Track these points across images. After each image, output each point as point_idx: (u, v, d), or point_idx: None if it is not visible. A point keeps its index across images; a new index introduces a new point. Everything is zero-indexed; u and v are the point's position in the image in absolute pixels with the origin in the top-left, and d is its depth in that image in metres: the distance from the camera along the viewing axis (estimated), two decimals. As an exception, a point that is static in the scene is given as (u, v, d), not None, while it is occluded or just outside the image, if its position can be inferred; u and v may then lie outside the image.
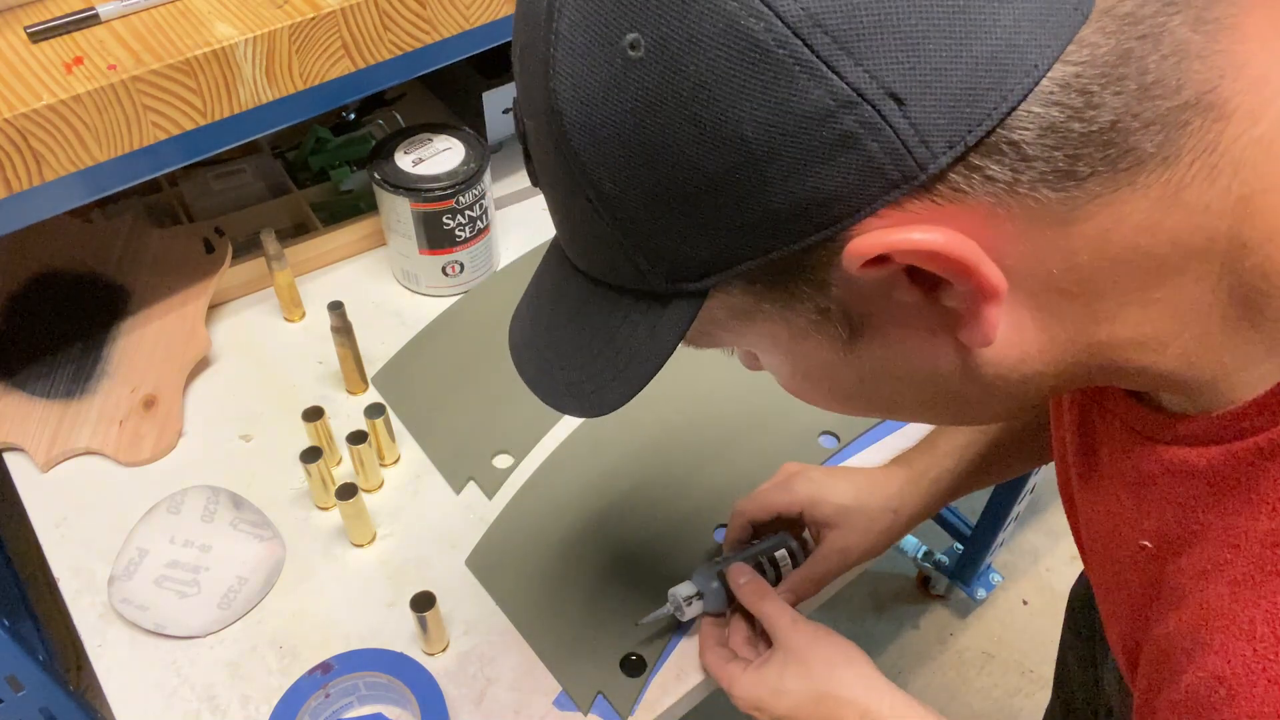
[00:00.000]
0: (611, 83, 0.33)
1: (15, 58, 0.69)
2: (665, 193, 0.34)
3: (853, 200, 0.32)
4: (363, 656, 0.70)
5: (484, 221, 0.94)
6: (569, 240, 0.41)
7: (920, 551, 1.61)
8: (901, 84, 0.30)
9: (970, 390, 0.38)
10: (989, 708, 1.54)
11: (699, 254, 0.36)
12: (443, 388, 0.89)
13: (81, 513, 0.80)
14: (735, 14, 0.30)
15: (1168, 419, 0.39)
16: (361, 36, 0.77)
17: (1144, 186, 0.32)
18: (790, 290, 0.36)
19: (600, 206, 0.36)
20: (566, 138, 0.35)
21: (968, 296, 0.33)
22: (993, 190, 0.31)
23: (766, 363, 0.44)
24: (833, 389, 0.42)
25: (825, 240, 0.33)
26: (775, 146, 0.31)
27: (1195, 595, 0.37)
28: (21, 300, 0.91)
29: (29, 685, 0.96)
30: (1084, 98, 0.30)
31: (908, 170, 0.31)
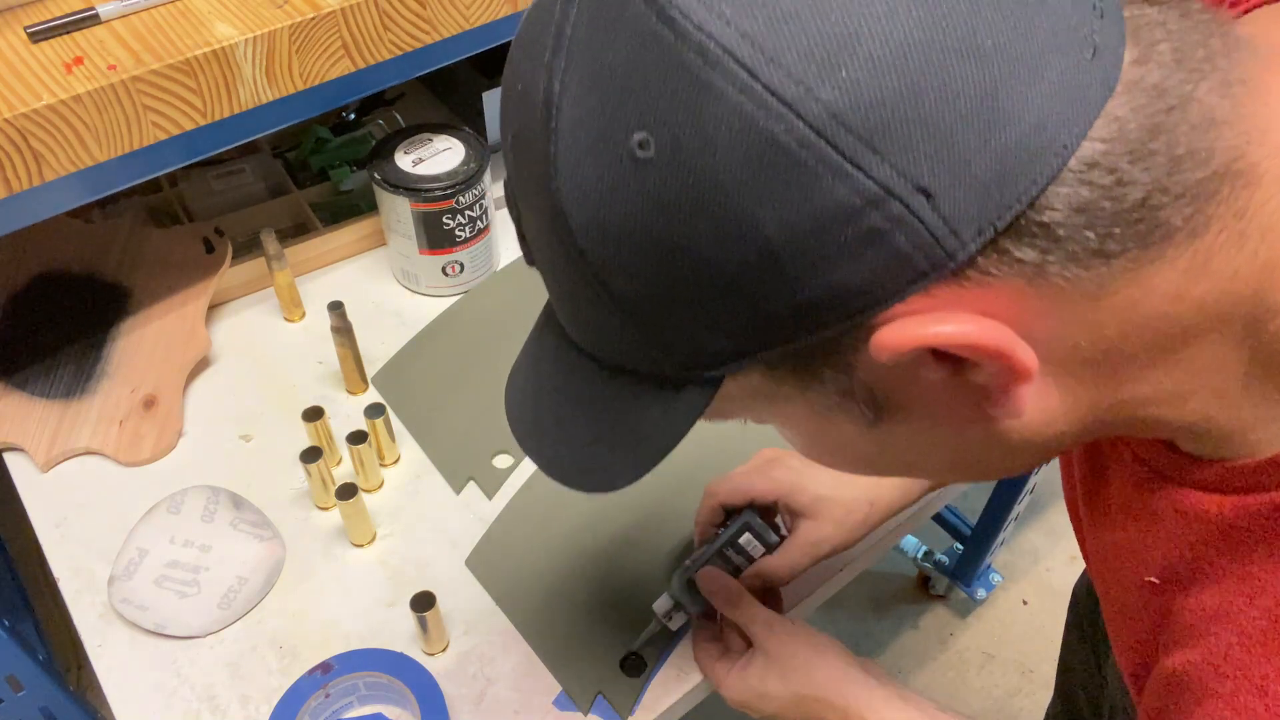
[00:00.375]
0: (620, 183, 0.31)
1: (15, 58, 0.69)
2: (680, 291, 0.33)
3: (879, 292, 0.31)
4: (363, 656, 0.70)
5: (484, 221, 0.94)
6: (571, 323, 0.40)
7: (920, 551, 1.61)
8: (930, 177, 0.29)
9: (993, 454, 0.38)
10: (989, 708, 1.54)
11: (715, 346, 0.34)
12: (443, 388, 0.89)
13: (81, 513, 0.80)
14: (753, 116, 0.29)
15: (1182, 459, 0.39)
16: (361, 36, 0.77)
17: (1172, 259, 0.32)
18: (811, 374, 0.35)
19: (609, 302, 0.35)
20: (573, 237, 0.33)
21: (998, 376, 0.32)
22: (1022, 272, 0.31)
23: (783, 435, 0.43)
24: (853, 459, 0.41)
25: (849, 329, 0.32)
26: (798, 245, 0.30)
27: (1207, 638, 0.37)
28: (22, 300, 0.91)
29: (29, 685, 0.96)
30: (1113, 175, 0.30)
31: (936, 260, 0.30)
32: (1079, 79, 0.30)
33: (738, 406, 0.39)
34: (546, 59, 0.33)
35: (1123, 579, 0.44)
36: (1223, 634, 0.36)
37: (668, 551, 0.77)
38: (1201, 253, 0.32)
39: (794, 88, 0.28)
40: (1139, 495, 0.42)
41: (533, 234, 0.37)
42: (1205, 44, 0.32)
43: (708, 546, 0.69)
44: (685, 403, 0.37)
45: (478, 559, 0.77)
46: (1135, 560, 0.42)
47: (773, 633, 0.63)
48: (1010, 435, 0.36)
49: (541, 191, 0.34)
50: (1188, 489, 0.38)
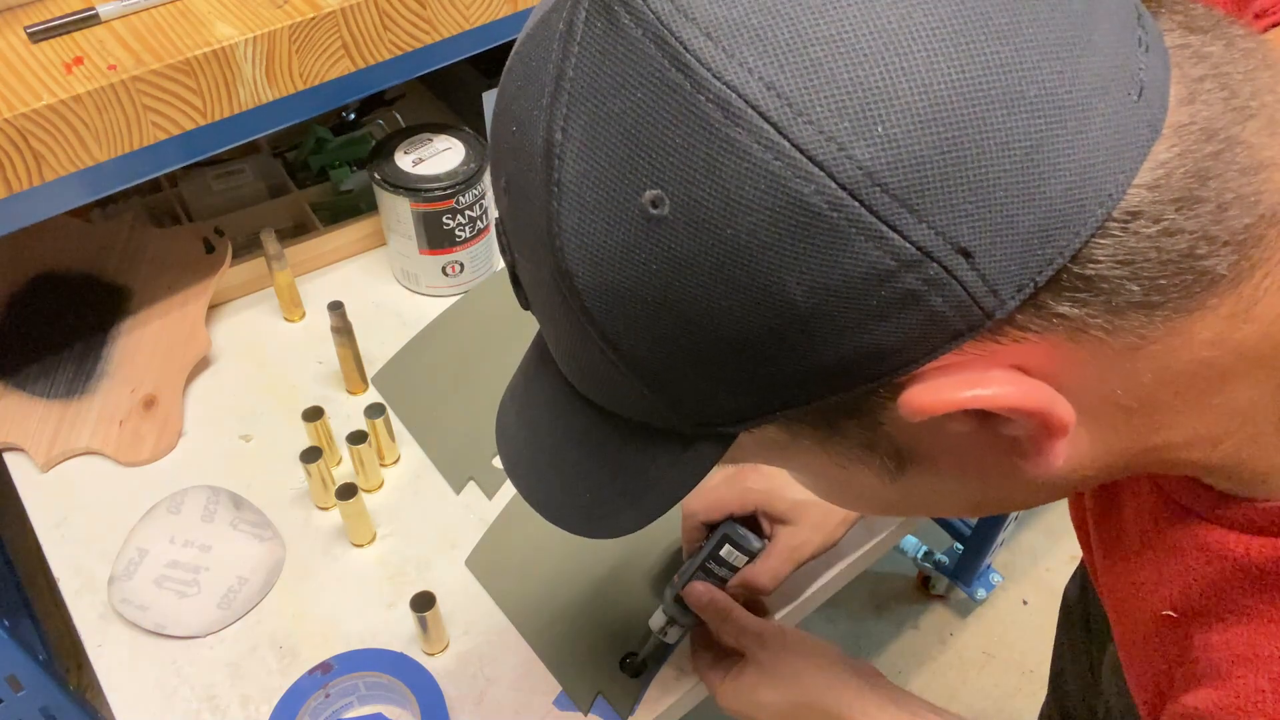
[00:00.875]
0: (632, 244, 0.29)
1: (15, 58, 0.69)
2: (697, 354, 0.31)
3: (910, 353, 0.29)
4: (363, 656, 0.70)
5: (484, 221, 0.94)
6: (572, 372, 0.37)
7: (920, 551, 1.61)
8: (970, 237, 0.27)
9: (1015, 495, 0.38)
10: (989, 708, 1.54)
11: (731, 405, 0.33)
12: (443, 388, 0.89)
13: (81, 513, 0.80)
14: (780, 175, 0.27)
15: (1207, 494, 0.38)
16: (361, 36, 0.77)
17: (1214, 307, 0.30)
18: (834, 427, 0.33)
19: (618, 361, 0.32)
20: (579, 297, 0.31)
21: (1032, 431, 0.31)
22: (1062, 326, 0.29)
23: (798, 480, 0.41)
24: (871, 504, 0.40)
25: (877, 389, 0.31)
26: (827, 308, 0.28)
27: (1233, 680, 0.36)
28: (21, 300, 0.91)
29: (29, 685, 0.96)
30: (1159, 225, 0.28)
31: (973, 320, 0.29)
32: (1125, 122, 0.28)
33: (751, 455, 0.37)
34: (545, 102, 0.30)
35: (1137, 609, 0.43)
36: (1250, 678, 0.35)
37: (668, 551, 0.77)
38: (1245, 298, 0.30)
39: (825, 145, 0.26)
40: (1157, 526, 0.40)
41: (530, 281, 0.35)
42: (1252, 78, 0.30)
43: (691, 561, 0.69)
44: (696, 456, 0.36)
45: (478, 559, 0.77)
46: (1151, 592, 0.41)
47: (764, 642, 0.63)
48: (1035, 480, 0.34)
49: (543, 246, 0.31)
50: (1213, 525, 0.37)
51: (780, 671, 0.62)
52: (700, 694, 0.72)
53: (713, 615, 0.66)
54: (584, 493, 0.40)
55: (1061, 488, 0.37)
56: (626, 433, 0.37)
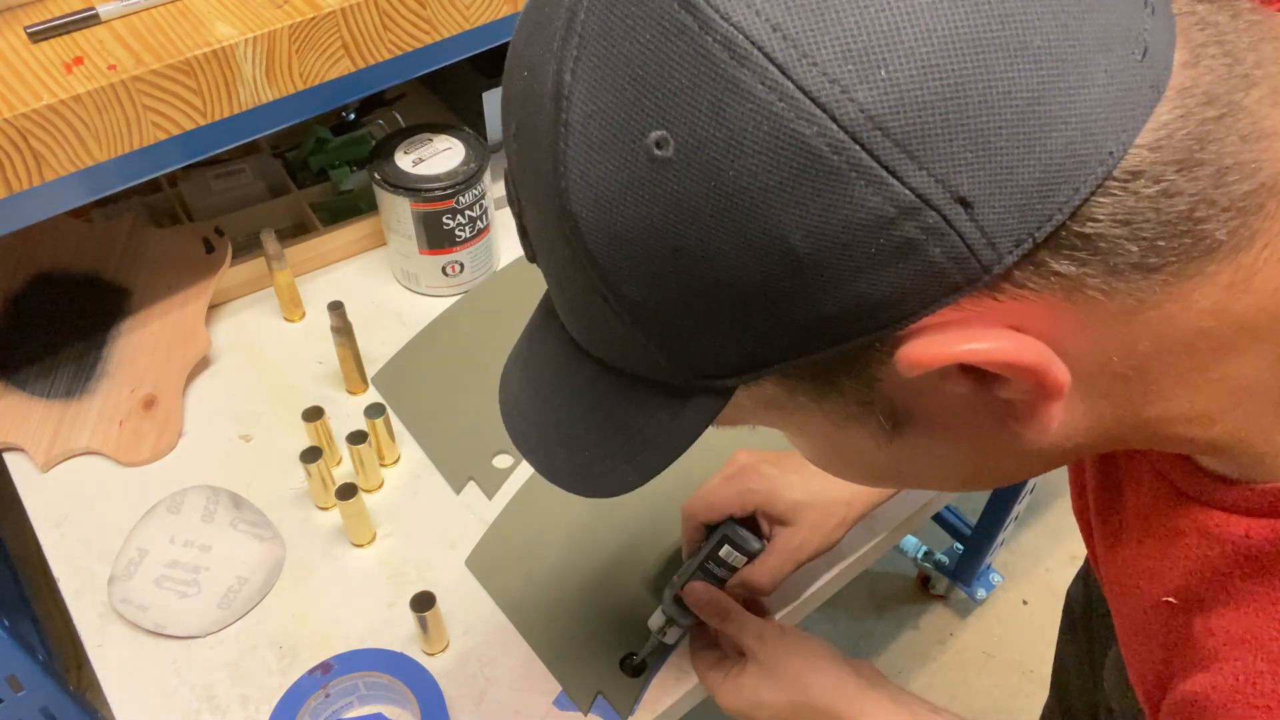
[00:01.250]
0: (635, 184, 0.29)
1: (15, 58, 0.69)
2: (696, 300, 0.31)
3: (908, 305, 0.29)
4: (363, 656, 0.70)
5: (484, 221, 0.94)
6: (575, 324, 0.38)
7: (920, 551, 1.61)
8: (970, 186, 0.27)
9: (1009, 464, 0.37)
10: (989, 708, 1.54)
11: (730, 357, 0.33)
12: (443, 388, 0.89)
13: (81, 513, 0.80)
14: (783, 117, 0.27)
15: (1206, 478, 0.38)
16: (361, 36, 0.77)
17: (1213, 274, 0.30)
18: (830, 384, 0.33)
19: (619, 308, 0.33)
20: (582, 239, 0.31)
21: (1028, 393, 0.31)
22: (1059, 285, 0.29)
23: (794, 443, 0.41)
24: (866, 471, 0.40)
25: (874, 342, 0.31)
26: (825, 255, 0.28)
27: (1231, 663, 0.36)
28: (21, 300, 0.91)
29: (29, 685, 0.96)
30: (1159, 185, 0.28)
31: (971, 273, 0.29)
32: (1128, 81, 0.28)
33: (748, 415, 0.37)
34: (556, 46, 0.30)
35: (1138, 597, 0.43)
36: (1249, 660, 0.35)
37: (668, 551, 0.77)
38: (1244, 268, 0.30)
39: (829, 87, 0.27)
40: (1159, 513, 0.40)
41: (536, 231, 0.35)
42: (1256, 48, 0.30)
43: (690, 562, 0.69)
44: (694, 411, 0.36)
45: (478, 559, 0.77)
46: (1152, 579, 0.41)
47: (764, 642, 0.63)
48: (1028, 447, 0.34)
49: (548, 189, 0.32)
50: (1213, 509, 0.37)
51: (780, 671, 0.62)
52: (700, 694, 0.72)
53: (712, 615, 0.66)
54: (584, 450, 0.40)
55: (1055, 457, 0.36)
56: (626, 388, 0.37)
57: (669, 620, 0.69)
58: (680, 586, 0.68)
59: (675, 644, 0.72)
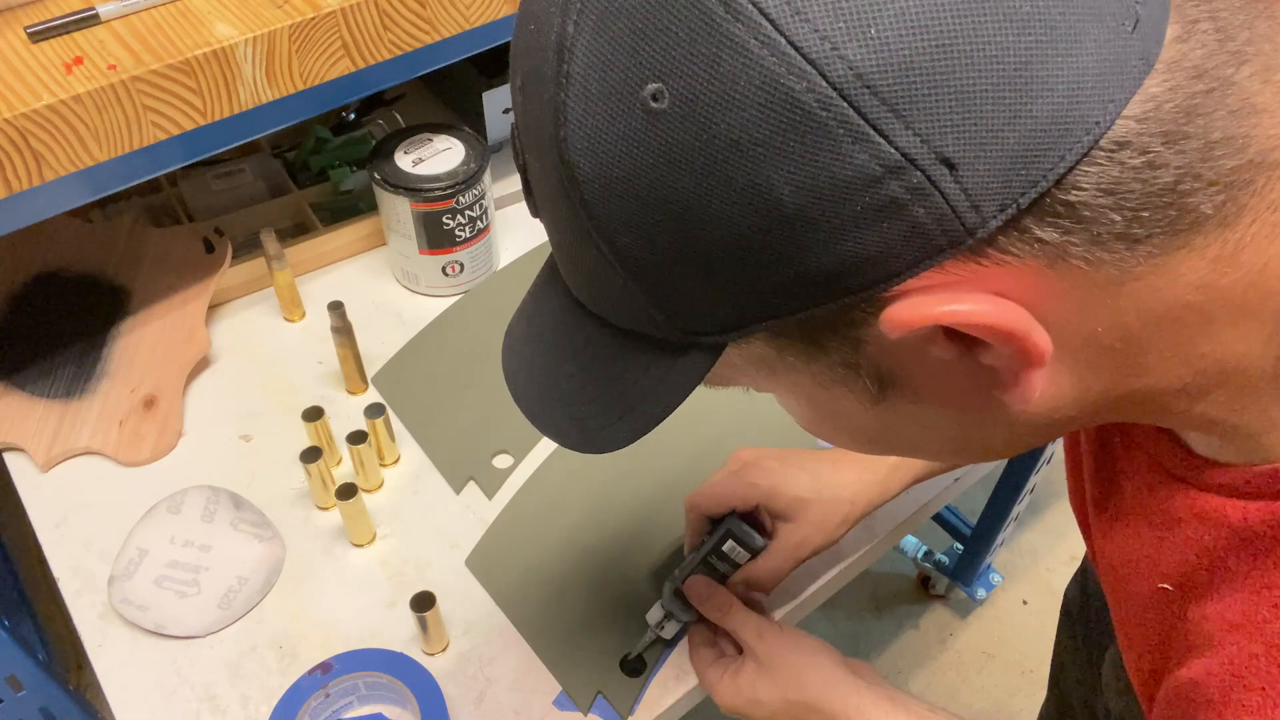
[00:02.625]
0: (631, 136, 0.30)
1: (15, 58, 0.69)
2: (687, 252, 0.32)
3: (892, 265, 0.30)
4: (363, 656, 0.70)
5: (484, 221, 0.94)
6: (573, 279, 0.39)
7: (920, 551, 1.61)
8: (954, 148, 0.28)
9: (997, 435, 0.37)
10: (989, 708, 1.54)
11: (719, 312, 0.33)
12: (443, 388, 0.89)
13: (81, 513, 0.80)
14: (774, 71, 0.27)
15: (1200, 462, 0.38)
16: (361, 36, 0.77)
17: (1200, 248, 0.30)
18: (817, 345, 0.34)
19: (613, 259, 0.33)
20: (579, 189, 0.32)
21: (1010, 359, 0.31)
22: (1043, 252, 0.30)
23: (784, 405, 0.42)
24: (854, 435, 0.40)
25: (859, 303, 0.31)
26: (813, 211, 0.29)
27: (1226, 647, 0.36)
28: (22, 300, 0.91)
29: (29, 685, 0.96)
30: (1145, 157, 0.29)
31: (954, 235, 0.29)
32: (1118, 52, 0.28)
33: (739, 374, 0.38)
34: None
35: (1135, 585, 0.43)
36: (1245, 644, 0.35)
37: (668, 551, 0.77)
38: (1231, 243, 0.30)
39: (819, 44, 0.27)
40: (1155, 500, 0.41)
41: (538, 183, 0.36)
42: (1250, 25, 0.30)
43: (693, 556, 0.69)
44: (685, 367, 0.36)
45: (478, 559, 0.77)
46: (1149, 566, 0.41)
47: (763, 638, 0.63)
48: (1016, 417, 0.35)
49: (549, 139, 0.32)
50: (1208, 493, 0.37)
51: (778, 669, 0.62)
52: (700, 694, 0.72)
53: (712, 610, 0.66)
54: (580, 406, 0.41)
55: (1043, 428, 0.37)
56: (622, 345, 0.38)
57: (667, 615, 0.69)
58: (682, 580, 0.68)
59: (672, 641, 0.72)
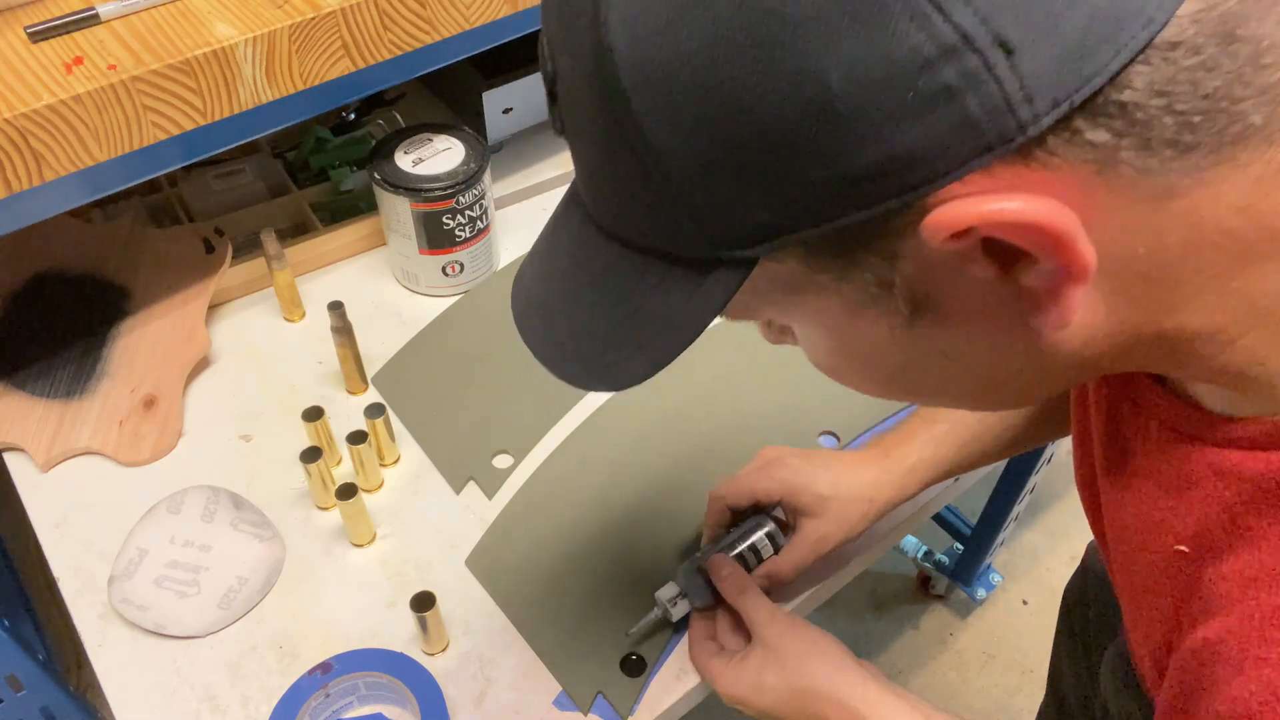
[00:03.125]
0: (676, 16, 0.29)
1: (15, 58, 0.69)
2: (727, 147, 0.30)
3: (939, 164, 0.29)
4: (363, 656, 0.70)
5: (484, 221, 0.94)
6: (597, 195, 0.37)
7: (920, 551, 1.61)
8: (1013, 30, 0.27)
9: (1023, 375, 0.37)
10: (989, 708, 1.54)
11: (754, 218, 0.32)
12: (443, 388, 0.89)
13: (81, 513, 0.80)
14: None
15: (1216, 419, 0.38)
16: (361, 36, 0.77)
17: (1245, 164, 0.30)
18: (851, 260, 0.33)
19: (646, 160, 0.32)
20: (616, 78, 0.31)
21: (1052, 276, 0.30)
22: (1092, 157, 0.29)
23: (804, 337, 0.41)
24: (875, 370, 0.39)
25: (902, 207, 0.30)
26: (862, 98, 0.28)
27: (1245, 603, 0.36)
28: (21, 300, 0.91)
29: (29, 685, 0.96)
30: (1198, 58, 0.28)
31: (1006, 131, 0.28)
32: None
33: (764, 301, 0.37)
34: None
35: (1148, 552, 0.42)
36: (1265, 598, 0.35)
37: (668, 552, 0.77)
38: (1275, 164, 0.30)
39: None
40: (1169, 462, 0.40)
41: (568, 87, 0.34)
42: None
43: (722, 542, 0.71)
44: (711, 287, 0.35)
45: (478, 559, 0.77)
46: (1164, 530, 0.40)
47: (773, 624, 0.64)
48: (1046, 350, 0.34)
49: (588, 29, 0.31)
50: (1227, 449, 0.37)
51: (788, 655, 0.62)
52: (700, 694, 0.72)
53: (731, 587, 0.67)
54: (596, 340, 0.39)
55: (1069, 368, 0.36)
56: (644, 268, 0.36)
57: (681, 593, 0.70)
58: (707, 558, 0.69)
59: (671, 628, 0.72)
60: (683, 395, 0.88)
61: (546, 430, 0.86)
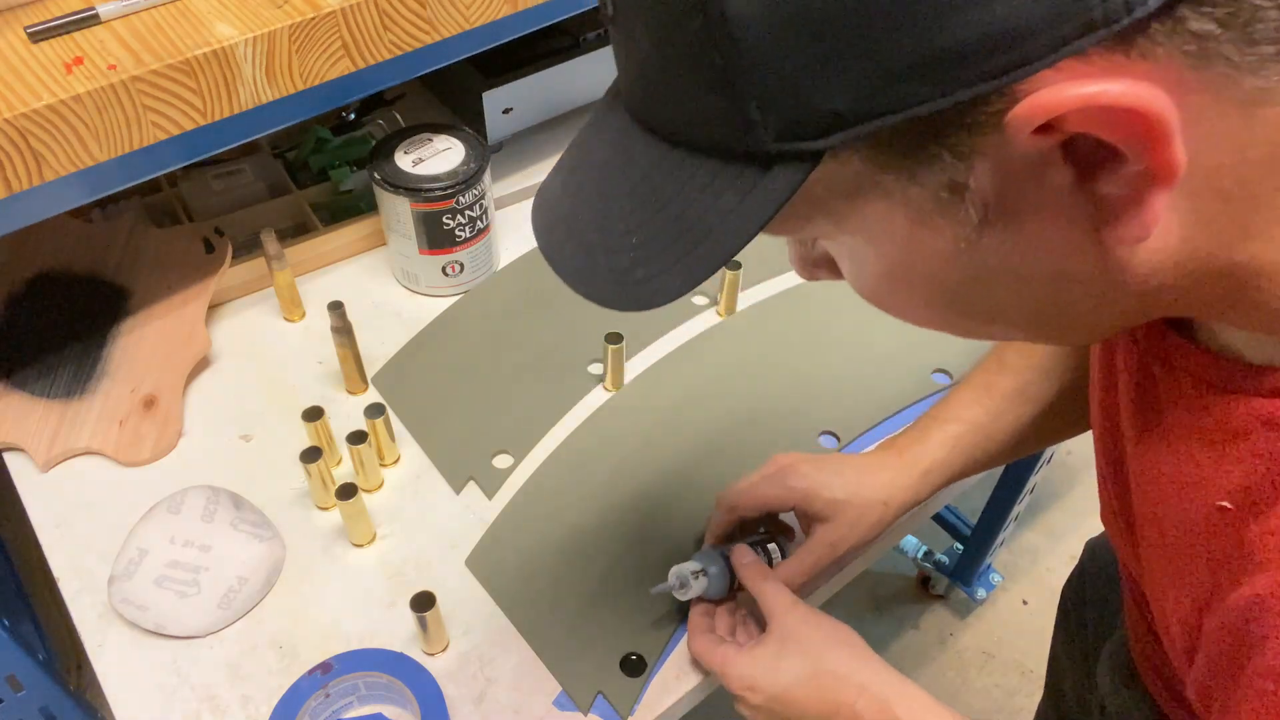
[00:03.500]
0: None
1: (15, 58, 0.69)
2: (811, 10, 0.28)
3: (1037, 44, 0.27)
4: (363, 656, 0.70)
5: (484, 221, 0.94)
6: (649, 84, 0.34)
7: (920, 551, 1.61)
8: None
9: (1086, 302, 0.35)
10: (989, 708, 1.54)
11: (830, 102, 0.30)
12: (443, 388, 0.89)
13: (81, 513, 0.80)
14: None
15: (1261, 370, 0.37)
16: (361, 36, 0.77)
17: None
18: (926, 158, 0.31)
19: (717, 30, 0.30)
20: None
21: (1136, 180, 0.29)
22: (1193, 49, 0.27)
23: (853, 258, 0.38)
24: (931, 290, 0.37)
25: (991, 93, 0.28)
26: None
27: None
28: (21, 300, 0.91)
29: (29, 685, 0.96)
30: None
31: (1111, 10, 0.26)
32: None
33: (817, 210, 0.34)
34: None
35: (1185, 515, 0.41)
36: None
37: (669, 552, 0.77)
38: None
39: None
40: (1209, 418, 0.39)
41: None
42: None
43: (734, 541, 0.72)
44: (769, 186, 0.32)
45: (478, 559, 0.77)
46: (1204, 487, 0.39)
47: (795, 611, 0.64)
48: (1112, 274, 0.33)
49: None
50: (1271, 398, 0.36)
51: (809, 640, 0.62)
52: (701, 694, 0.72)
53: (753, 575, 0.67)
54: (628, 252, 0.36)
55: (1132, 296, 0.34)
56: (692, 169, 0.34)
57: (701, 570, 0.69)
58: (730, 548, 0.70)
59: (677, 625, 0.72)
60: (683, 395, 0.88)
61: (546, 430, 0.86)
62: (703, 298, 0.98)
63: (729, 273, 0.93)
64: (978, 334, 0.41)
